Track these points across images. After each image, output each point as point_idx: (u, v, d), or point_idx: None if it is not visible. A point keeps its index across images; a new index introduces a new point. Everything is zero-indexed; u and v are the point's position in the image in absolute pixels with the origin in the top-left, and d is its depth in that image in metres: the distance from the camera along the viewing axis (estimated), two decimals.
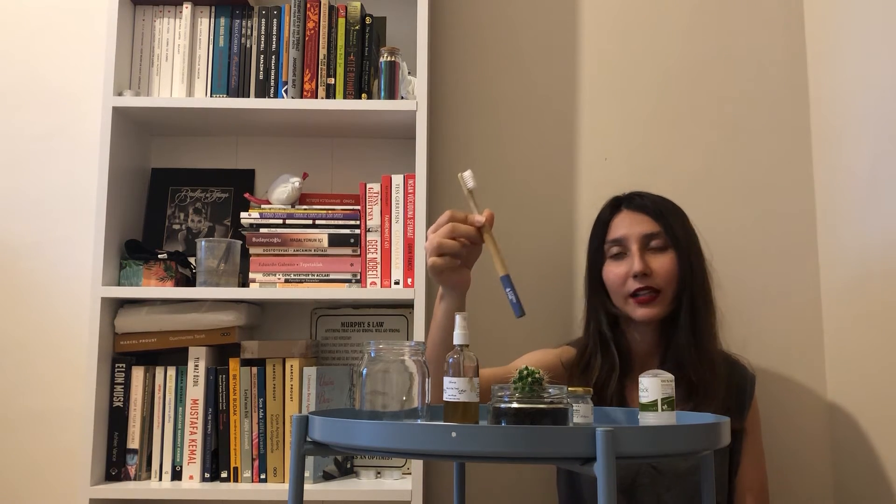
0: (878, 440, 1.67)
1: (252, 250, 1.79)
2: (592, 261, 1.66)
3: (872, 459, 1.68)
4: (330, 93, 1.81)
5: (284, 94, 1.80)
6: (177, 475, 1.74)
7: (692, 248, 1.60)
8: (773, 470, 1.71)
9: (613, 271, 1.60)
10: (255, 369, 1.74)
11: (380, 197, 1.78)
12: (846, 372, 1.81)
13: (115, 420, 1.74)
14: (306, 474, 1.69)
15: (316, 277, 1.78)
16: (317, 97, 1.80)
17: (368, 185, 1.79)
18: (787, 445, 1.85)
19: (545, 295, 1.93)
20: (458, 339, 1.20)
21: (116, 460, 1.73)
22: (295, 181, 1.84)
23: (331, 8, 1.83)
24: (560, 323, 1.90)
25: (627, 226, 1.61)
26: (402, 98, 1.80)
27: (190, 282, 1.81)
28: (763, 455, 1.66)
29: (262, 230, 1.80)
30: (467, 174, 1.35)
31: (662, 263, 1.57)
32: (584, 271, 1.71)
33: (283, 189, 1.83)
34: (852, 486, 1.78)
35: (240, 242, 1.81)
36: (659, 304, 1.56)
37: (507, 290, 1.26)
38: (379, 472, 1.80)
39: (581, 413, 1.22)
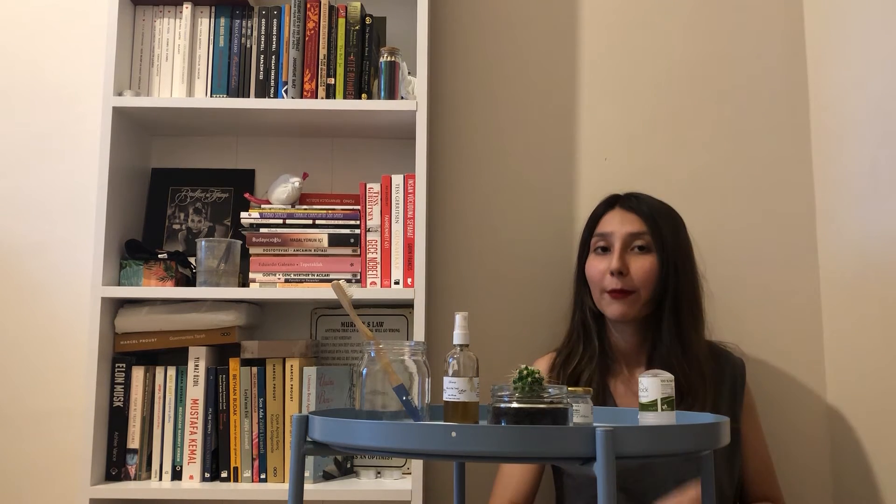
0: (877, 439, 1.67)
1: (252, 250, 1.79)
2: (581, 252, 1.70)
3: (871, 458, 1.68)
4: (330, 93, 1.81)
5: (284, 94, 1.80)
6: (177, 475, 1.74)
7: (679, 253, 1.61)
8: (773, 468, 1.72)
9: (594, 265, 1.64)
10: (255, 369, 1.74)
11: (380, 197, 1.78)
12: (846, 371, 1.81)
13: (115, 420, 1.74)
14: (306, 474, 1.69)
15: (316, 277, 1.78)
16: (317, 97, 1.80)
17: (368, 185, 1.79)
18: (786, 445, 1.85)
19: (545, 295, 1.93)
20: (458, 339, 1.20)
21: (116, 460, 1.73)
22: (295, 181, 1.84)
23: (331, 8, 1.83)
24: (559, 322, 1.90)
25: (616, 223, 1.64)
26: (402, 98, 1.80)
27: (190, 282, 1.81)
28: (763, 437, 1.68)
29: (262, 230, 1.80)
30: (344, 283, 1.34)
31: (642, 265, 1.59)
32: None
33: (283, 189, 1.83)
34: (851, 485, 1.78)
35: (240, 242, 1.81)
36: (631, 304, 1.58)
37: (403, 398, 1.22)
38: (379, 472, 1.80)
39: (581, 413, 1.22)
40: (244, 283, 1.80)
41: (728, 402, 1.60)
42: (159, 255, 1.78)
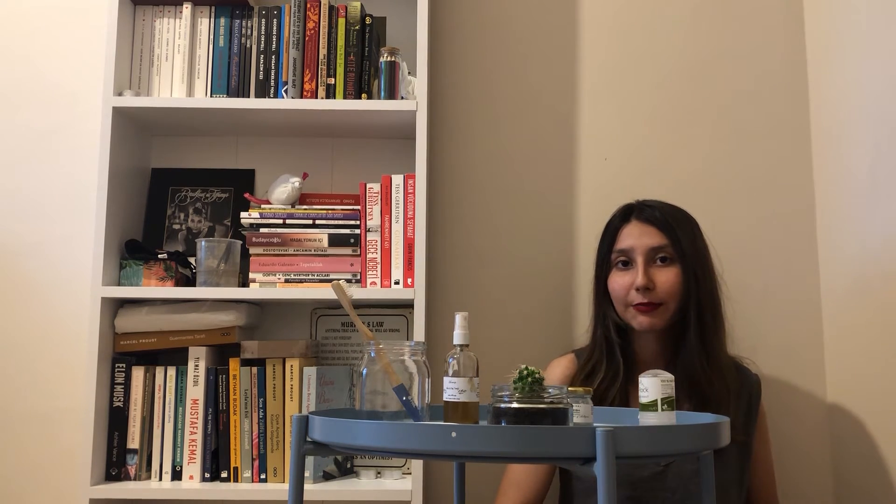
0: (878, 439, 1.67)
1: (252, 250, 1.79)
2: (600, 269, 1.66)
3: (872, 459, 1.68)
4: (330, 93, 1.81)
5: (284, 94, 1.80)
6: (177, 475, 1.74)
7: (699, 261, 1.59)
8: (774, 469, 1.72)
9: (618, 281, 1.60)
10: (255, 369, 1.74)
11: (380, 197, 1.78)
12: (846, 372, 1.81)
13: (115, 420, 1.74)
14: (306, 474, 1.69)
15: (316, 277, 1.78)
16: (317, 97, 1.80)
17: (368, 185, 1.79)
18: (787, 445, 1.85)
19: (545, 295, 1.93)
20: (458, 339, 1.20)
21: (116, 460, 1.73)
22: (295, 181, 1.84)
23: (331, 8, 1.83)
24: (560, 323, 1.90)
25: (636, 237, 1.60)
26: (402, 98, 1.80)
27: (190, 282, 1.81)
28: (771, 454, 1.69)
29: (262, 230, 1.80)
30: (344, 283, 1.34)
31: (667, 277, 1.57)
32: (583, 272, 1.73)
33: (283, 189, 1.83)
34: (852, 485, 1.78)
35: (240, 242, 1.81)
36: (659, 315, 1.57)
37: (403, 398, 1.22)
38: (379, 472, 1.80)
39: (581, 413, 1.22)
40: (244, 283, 1.80)
41: (743, 417, 1.59)
42: (159, 255, 1.78)
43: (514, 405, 1.08)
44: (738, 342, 1.77)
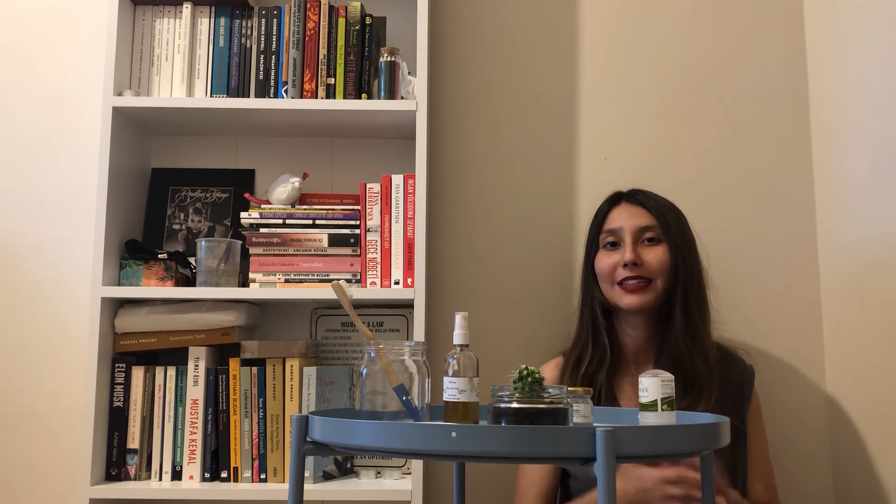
0: (877, 435, 1.67)
1: (252, 250, 1.79)
2: (588, 250, 1.70)
3: (872, 453, 1.68)
4: (330, 93, 1.81)
5: (284, 94, 1.80)
6: (177, 475, 1.74)
7: (686, 245, 1.63)
8: (773, 464, 1.71)
9: (605, 260, 1.63)
10: (255, 369, 1.74)
11: (380, 197, 1.78)
12: (845, 368, 1.82)
13: (115, 420, 1.74)
14: (306, 474, 1.69)
15: (316, 277, 1.78)
16: (317, 97, 1.80)
17: (368, 185, 1.79)
18: (787, 440, 1.86)
19: (545, 295, 1.93)
20: (458, 339, 1.20)
21: (116, 460, 1.73)
22: (295, 181, 1.84)
23: (331, 8, 1.83)
24: (560, 323, 1.90)
25: (624, 218, 1.65)
26: (402, 98, 1.80)
27: (190, 282, 1.81)
28: (766, 444, 1.68)
29: (262, 230, 1.80)
30: (344, 283, 1.34)
31: (655, 255, 1.60)
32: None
33: (283, 189, 1.83)
34: (851, 479, 1.78)
35: (240, 242, 1.81)
36: (648, 293, 1.59)
37: (403, 398, 1.22)
38: (379, 472, 1.80)
39: (581, 413, 1.22)
40: (244, 283, 1.80)
41: (733, 403, 1.60)
42: (159, 255, 1.78)
43: (514, 405, 1.08)
44: (738, 338, 1.77)
